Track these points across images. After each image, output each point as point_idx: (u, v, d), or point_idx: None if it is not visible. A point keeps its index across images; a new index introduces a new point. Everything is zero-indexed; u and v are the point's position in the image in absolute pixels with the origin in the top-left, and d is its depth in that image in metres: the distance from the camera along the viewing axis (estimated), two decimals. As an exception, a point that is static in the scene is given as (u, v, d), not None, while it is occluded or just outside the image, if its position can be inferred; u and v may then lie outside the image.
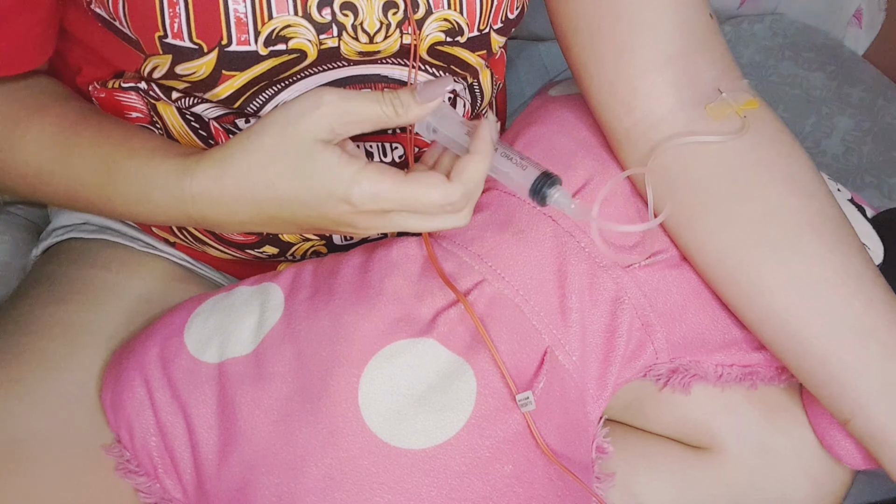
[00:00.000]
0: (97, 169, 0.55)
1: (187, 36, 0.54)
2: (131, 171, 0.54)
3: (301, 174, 0.49)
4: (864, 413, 0.55)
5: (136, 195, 0.54)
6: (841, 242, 0.57)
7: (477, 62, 0.63)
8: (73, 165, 0.56)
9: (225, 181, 0.51)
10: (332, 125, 0.49)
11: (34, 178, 0.57)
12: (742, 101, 0.59)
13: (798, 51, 1.15)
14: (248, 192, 0.51)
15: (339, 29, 0.56)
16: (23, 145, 0.56)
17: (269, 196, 0.51)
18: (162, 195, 0.53)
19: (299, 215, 0.51)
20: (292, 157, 0.49)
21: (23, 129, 0.57)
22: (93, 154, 0.55)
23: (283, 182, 0.50)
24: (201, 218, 0.53)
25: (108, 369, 0.61)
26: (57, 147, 0.56)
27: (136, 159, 0.55)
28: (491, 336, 0.57)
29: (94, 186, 0.56)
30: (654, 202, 0.60)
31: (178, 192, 0.53)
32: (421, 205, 0.49)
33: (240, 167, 0.51)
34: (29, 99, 0.59)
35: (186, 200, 0.53)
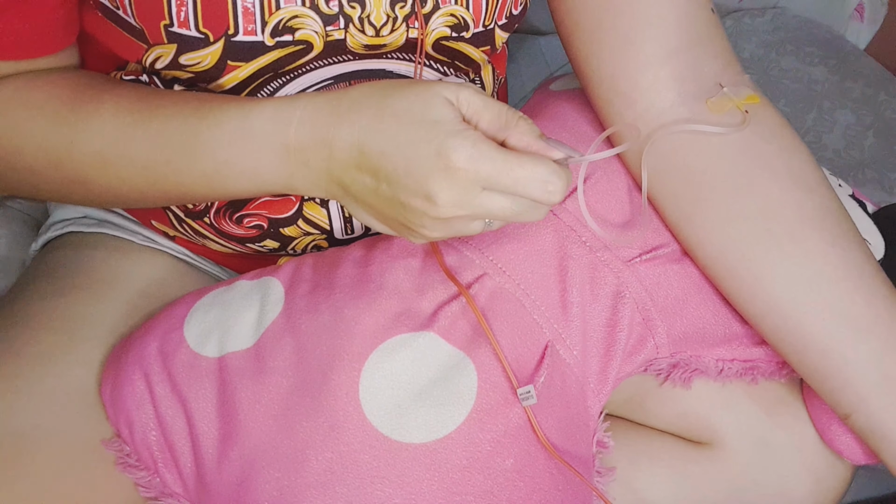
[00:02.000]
0: (189, 117, 0.53)
1: (193, 25, 0.54)
2: (231, 108, 0.52)
3: (412, 113, 0.47)
4: (864, 408, 0.55)
5: (230, 134, 0.52)
6: (842, 237, 0.57)
7: (480, 57, 0.63)
8: (157, 124, 0.54)
9: (342, 101, 0.49)
10: (461, 95, 0.48)
11: (111, 149, 0.54)
12: (743, 96, 0.59)
13: (799, 45, 1.15)
14: (357, 115, 0.49)
15: (345, 21, 0.56)
16: (98, 118, 0.55)
17: (372, 124, 0.48)
18: (264, 122, 0.51)
19: (386, 164, 0.48)
20: (412, 98, 0.48)
21: (96, 104, 0.55)
22: (182, 107, 0.54)
23: (393, 115, 0.48)
24: (297, 149, 0.51)
25: (107, 363, 0.61)
26: (138, 112, 0.54)
27: (234, 101, 0.53)
28: (492, 330, 0.57)
29: (179, 137, 0.53)
30: (654, 198, 0.60)
31: (285, 113, 0.51)
32: (523, 175, 0.46)
33: (361, 91, 0.49)
34: (95, 81, 0.58)
35: (291, 125, 0.50)
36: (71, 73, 0.58)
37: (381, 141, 0.48)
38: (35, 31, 0.55)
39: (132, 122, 0.54)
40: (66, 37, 0.58)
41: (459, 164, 0.46)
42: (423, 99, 0.47)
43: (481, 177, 0.46)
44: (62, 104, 0.55)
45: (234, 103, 0.53)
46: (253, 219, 0.64)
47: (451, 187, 0.47)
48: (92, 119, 0.54)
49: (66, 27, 0.57)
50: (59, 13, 0.56)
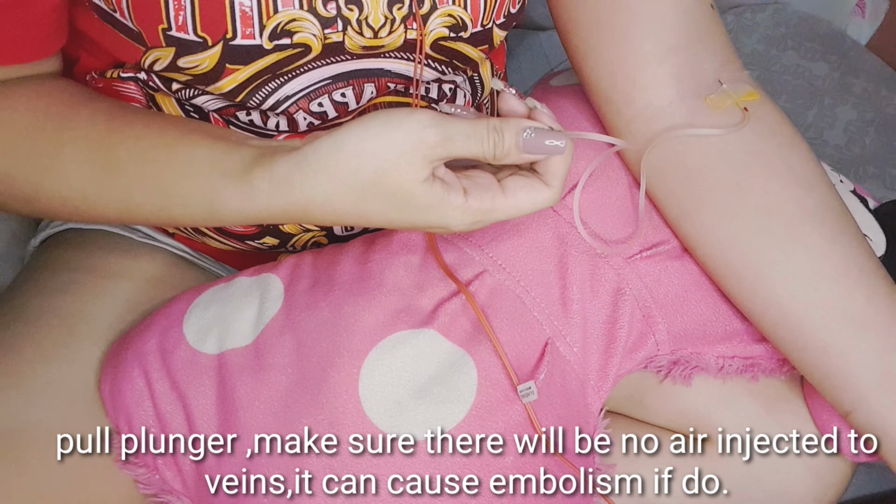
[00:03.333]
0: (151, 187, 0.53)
1: (192, 29, 0.54)
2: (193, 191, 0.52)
3: (402, 209, 0.49)
4: (864, 405, 0.55)
5: (201, 218, 0.52)
6: (842, 234, 0.56)
7: (478, 56, 0.62)
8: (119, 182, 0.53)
9: (309, 207, 0.50)
10: (433, 162, 0.48)
11: (78, 199, 0.54)
12: (743, 93, 0.58)
13: (800, 41, 1.15)
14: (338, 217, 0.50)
15: (343, 23, 0.56)
16: (60, 164, 0.54)
17: (361, 216, 0.50)
18: (232, 217, 0.51)
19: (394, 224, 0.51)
20: (392, 196, 0.48)
21: (55, 146, 0.54)
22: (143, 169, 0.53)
23: (383, 216, 0.49)
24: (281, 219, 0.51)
25: (106, 360, 0.61)
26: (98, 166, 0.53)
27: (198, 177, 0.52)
28: (492, 327, 0.57)
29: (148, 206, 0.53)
30: (654, 196, 0.60)
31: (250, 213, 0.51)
32: (524, 209, 0.50)
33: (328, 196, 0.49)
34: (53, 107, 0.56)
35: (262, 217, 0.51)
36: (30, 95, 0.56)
37: (374, 216, 0.49)
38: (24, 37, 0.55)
39: (95, 179, 0.53)
40: (55, 43, 0.58)
41: (464, 229, 0.50)
42: (406, 196, 0.48)
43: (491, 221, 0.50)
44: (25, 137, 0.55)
45: (197, 185, 0.52)
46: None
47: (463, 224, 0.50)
48: (55, 166, 0.54)
49: (56, 33, 0.57)
50: (51, 19, 0.55)
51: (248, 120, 0.62)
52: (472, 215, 0.49)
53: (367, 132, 0.48)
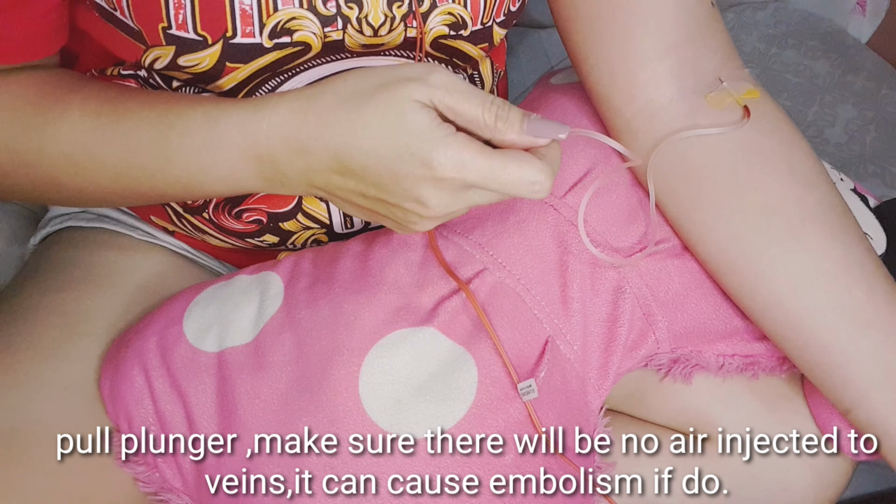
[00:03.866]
0: (157, 123, 0.52)
1: (192, 27, 0.54)
2: (198, 116, 0.52)
3: (388, 125, 0.47)
4: (865, 403, 0.55)
5: (199, 143, 0.51)
6: (842, 232, 0.56)
7: (478, 54, 0.62)
8: (127, 127, 0.53)
9: (308, 114, 0.48)
10: (433, 97, 0.47)
11: (80, 153, 0.54)
12: (743, 91, 0.58)
13: (801, 39, 1.15)
14: (329, 131, 0.48)
15: (343, 22, 0.56)
16: (66, 120, 0.54)
17: (347, 142, 0.48)
18: (231, 133, 0.50)
19: (370, 174, 0.48)
20: (383, 108, 0.47)
21: (62, 105, 0.54)
22: (150, 112, 0.53)
23: (368, 130, 0.47)
24: (270, 161, 0.50)
25: (106, 358, 0.61)
26: (106, 115, 0.53)
27: (202, 105, 0.52)
28: (492, 325, 0.56)
29: (150, 144, 0.52)
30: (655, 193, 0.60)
31: (252, 125, 0.50)
32: (509, 180, 0.47)
33: (327, 102, 0.48)
34: (62, 82, 0.57)
35: (260, 136, 0.50)
36: (39, 72, 0.57)
37: (361, 156, 0.48)
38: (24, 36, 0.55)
39: (100, 126, 0.53)
40: (55, 43, 0.57)
41: (446, 174, 0.47)
42: (396, 109, 0.47)
43: (468, 183, 0.47)
44: (29, 105, 0.55)
45: (201, 109, 0.52)
46: (252, 213, 0.64)
47: (439, 193, 0.48)
48: (60, 122, 0.54)
49: (56, 33, 0.57)
50: (51, 18, 0.55)
51: None
52: (455, 162, 0.46)
53: (379, 68, 0.49)
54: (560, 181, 0.62)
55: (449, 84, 0.47)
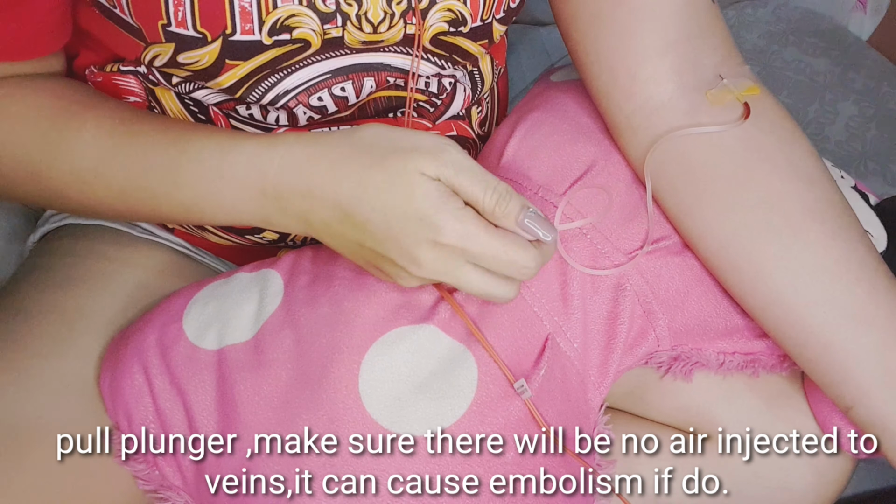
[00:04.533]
0: (170, 148, 0.54)
1: (191, 24, 0.54)
2: (211, 144, 0.53)
3: (398, 189, 0.49)
4: (865, 401, 0.55)
5: (209, 171, 0.53)
6: (843, 229, 0.56)
7: (478, 51, 0.62)
8: (137, 149, 0.54)
9: (321, 162, 0.50)
10: (441, 174, 0.49)
11: (89, 171, 0.55)
12: (743, 88, 0.58)
13: (802, 36, 1.15)
14: (338, 182, 0.50)
15: (343, 18, 0.56)
16: (80, 138, 0.55)
17: (356, 195, 0.50)
18: (242, 164, 0.52)
19: (372, 229, 0.50)
20: (393, 173, 0.49)
21: (78, 122, 0.55)
22: (164, 136, 0.54)
23: (377, 189, 0.49)
24: (274, 197, 0.52)
25: (106, 356, 0.61)
26: (119, 136, 0.55)
27: (216, 136, 0.54)
28: (492, 323, 0.56)
29: (159, 168, 0.54)
30: (654, 191, 0.60)
31: (264, 161, 0.51)
32: (506, 260, 0.50)
33: (341, 154, 0.50)
34: (78, 96, 0.57)
35: (270, 173, 0.51)
36: (55, 84, 0.58)
37: (366, 210, 0.50)
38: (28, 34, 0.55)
39: (112, 147, 0.55)
40: (59, 40, 0.58)
41: (450, 241, 0.49)
42: (406, 178, 0.49)
43: (468, 255, 0.50)
44: (44, 119, 0.56)
45: (215, 139, 0.54)
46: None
47: (436, 257, 0.50)
48: (74, 139, 0.55)
49: (60, 29, 0.57)
50: (55, 15, 0.55)
51: (248, 114, 0.62)
52: (461, 232, 0.49)
53: (394, 134, 0.51)
54: (561, 178, 0.62)
55: (458, 163, 0.49)
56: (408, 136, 0.50)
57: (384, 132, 0.51)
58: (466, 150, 0.73)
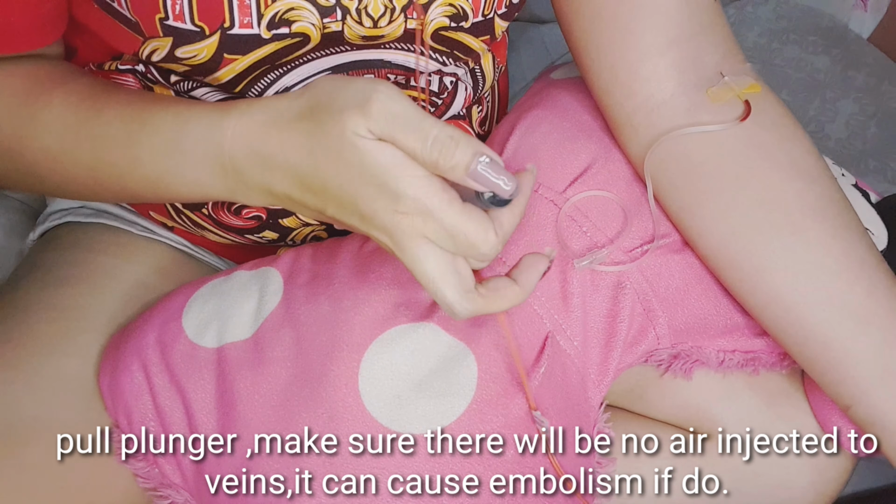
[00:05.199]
0: (129, 122, 0.52)
1: (189, 18, 0.53)
2: (168, 117, 0.51)
3: (344, 157, 0.44)
4: (865, 399, 0.55)
5: (167, 144, 0.50)
6: (843, 228, 0.56)
7: (480, 47, 0.62)
8: (101, 125, 0.52)
9: (270, 130, 0.47)
10: (372, 128, 0.44)
11: (56, 148, 0.54)
12: (744, 85, 0.58)
13: (802, 34, 1.15)
14: (289, 152, 0.46)
15: (342, 12, 0.55)
16: (46, 114, 0.54)
17: (307, 163, 0.46)
18: (197, 137, 0.49)
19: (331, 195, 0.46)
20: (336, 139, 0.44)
21: (46, 98, 0.54)
22: (125, 110, 0.52)
23: (326, 156, 0.45)
24: (234, 171, 0.49)
25: (105, 354, 0.61)
26: (84, 111, 0.53)
27: (174, 107, 0.51)
28: (492, 321, 0.56)
29: (121, 142, 0.52)
30: (655, 188, 0.60)
31: (216, 133, 0.49)
32: (463, 241, 0.44)
33: (287, 121, 0.47)
34: (53, 72, 0.56)
35: (224, 145, 0.48)
36: (31, 64, 0.57)
37: (322, 178, 0.46)
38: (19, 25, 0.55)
39: (77, 122, 0.53)
40: (53, 32, 0.57)
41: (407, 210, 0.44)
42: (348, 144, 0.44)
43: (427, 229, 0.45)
44: (15, 96, 0.55)
45: (172, 110, 0.51)
46: (252, 210, 0.64)
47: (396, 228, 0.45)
48: (42, 115, 0.54)
49: (54, 21, 0.57)
50: (48, 7, 0.55)
51: None
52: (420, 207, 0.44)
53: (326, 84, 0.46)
54: (561, 176, 0.62)
55: (388, 113, 0.44)
56: (341, 89, 0.45)
57: (327, 87, 0.46)
58: None
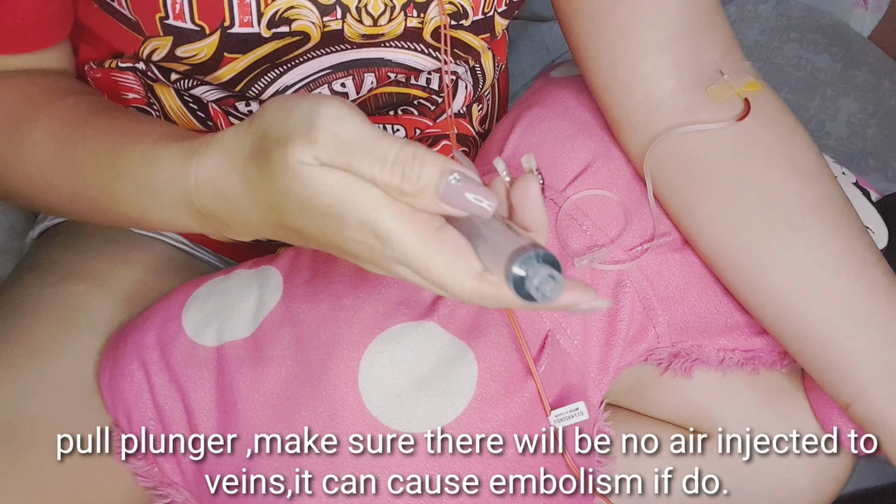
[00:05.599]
0: (102, 158, 0.50)
1: (189, 17, 0.53)
2: (136, 157, 0.48)
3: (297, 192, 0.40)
4: (864, 398, 0.55)
5: (139, 185, 0.48)
6: (843, 226, 0.56)
7: (480, 45, 0.62)
8: (77, 158, 0.51)
9: (230, 174, 0.43)
10: (320, 157, 0.38)
11: (38, 177, 0.53)
12: (744, 83, 0.58)
13: (803, 32, 1.15)
14: (253, 194, 0.43)
15: (342, 11, 0.55)
16: (29, 141, 0.53)
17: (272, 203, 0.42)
18: (165, 182, 0.47)
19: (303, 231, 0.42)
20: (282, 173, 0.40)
21: (30, 125, 0.53)
22: (98, 144, 0.51)
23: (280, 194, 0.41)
24: (210, 215, 0.46)
25: (105, 353, 0.61)
26: (63, 141, 0.52)
27: (141, 145, 0.48)
28: (492, 320, 0.56)
29: (97, 180, 0.50)
30: (655, 187, 0.60)
31: (181, 177, 0.45)
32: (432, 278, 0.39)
33: (245, 157, 0.42)
34: (40, 94, 0.56)
35: (191, 190, 0.45)
36: (26, 79, 0.56)
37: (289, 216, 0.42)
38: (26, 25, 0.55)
39: (55, 153, 0.51)
40: (58, 32, 0.57)
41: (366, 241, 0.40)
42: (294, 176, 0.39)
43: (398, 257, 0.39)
44: (6, 116, 0.54)
45: (139, 149, 0.48)
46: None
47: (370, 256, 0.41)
48: (25, 140, 0.52)
49: (59, 22, 0.56)
50: (54, 6, 0.55)
51: (248, 111, 0.62)
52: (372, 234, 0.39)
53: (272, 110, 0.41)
54: (560, 174, 0.62)
55: (335, 140, 0.38)
56: (285, 115, 0.40)
57: (271, 113, 0.41)
58: (467, 147, 0.73)
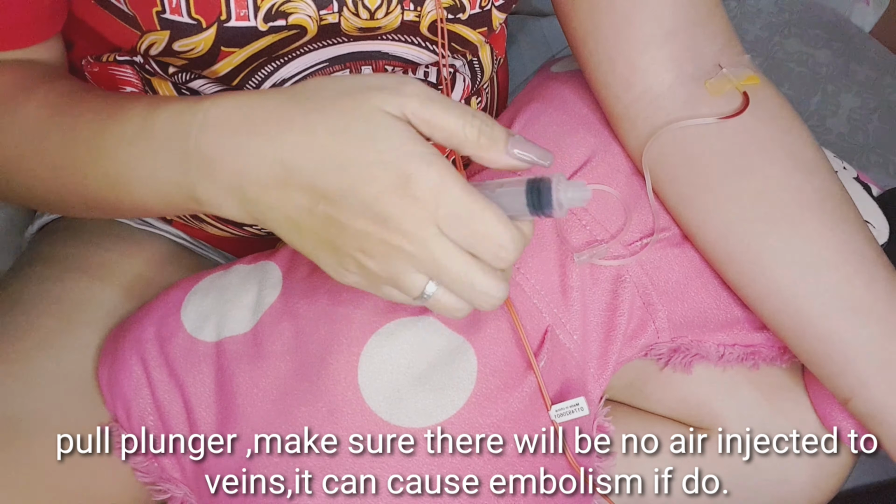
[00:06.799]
0: (99, 111, 0.49)
1: (185, 11, 0.53)
2: (138, 107, 0.47)
3: (356, 131, 0.41)
4: (864, 392, 0.55)
5: (133, 131, 0.46)
6: (842, 220, 0.56)
7: (477, 39, 0.62)
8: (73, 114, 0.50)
9: (254, 110, 0.42)
10: (406, 109, 0.41)
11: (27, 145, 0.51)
12: (743, 77, 0.58)
13: (804, 27, 1.14)
14: (278, 129, 0.42)
15: (339, 4, 0.55)
16: (24, 110, 0.52)
17: (302, 141, 0.41)
18: (165, 123, 0.45)
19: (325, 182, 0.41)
20: (349, 115, 0.41)
21: (26, 96, 0.53)
22: (99, 102, 0.50)
23: (330, 132, 0.41)
24: (199, 159, 0.44)
25: (104, 348, 0.61)
26: (59, 105, 0.51)
27: (146, 98, 0.48)
28: (491, 315, 0.56)
29: (88, 133, 0.48)
30: (654, 182, 0.60)
31: (187, 115, 0.44)
32: (482, 231, 0.41)
33: (279, 102, 0.42)
34: (35, 71, 0.56)
35: (193, 127, 0.44)
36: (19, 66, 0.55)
37: (317, 159, 0.41)
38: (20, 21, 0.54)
39: (50, 116, 0.50)
40: (52, 27, 0.57)
41: (420, 194, 0.41)
42: (365, 118, 0.41)
43: (440, 214, 0.41)
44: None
45: (144, 100, 0.48)
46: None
47: (404, 214, 0.41)
48: (19, 112, 0.52)
49: (52, 17, 0.56)
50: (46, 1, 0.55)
51: None
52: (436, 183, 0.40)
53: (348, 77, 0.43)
54: (560, 169, 0.62)
55: (424, 94, 0.42)
56: (361, 78, 0.43)
57: (331, 79, 0.43)
58: None
